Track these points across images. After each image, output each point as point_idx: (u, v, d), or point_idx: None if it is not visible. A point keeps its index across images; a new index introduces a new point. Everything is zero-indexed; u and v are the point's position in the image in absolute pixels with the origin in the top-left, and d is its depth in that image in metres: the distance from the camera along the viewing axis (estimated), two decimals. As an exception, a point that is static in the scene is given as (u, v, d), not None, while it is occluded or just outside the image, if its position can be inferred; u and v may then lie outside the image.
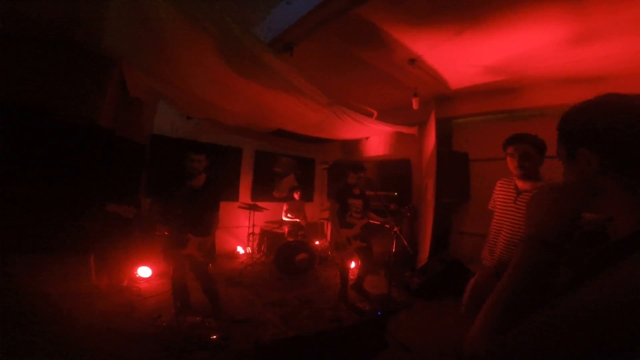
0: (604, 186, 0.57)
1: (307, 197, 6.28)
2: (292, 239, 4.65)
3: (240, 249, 5.45)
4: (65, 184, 2.70)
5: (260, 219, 5.36)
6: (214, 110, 4.10)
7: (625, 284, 0.46)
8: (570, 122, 0.64)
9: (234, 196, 5.67)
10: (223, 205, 3.02)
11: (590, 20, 2.42)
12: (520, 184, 2.01)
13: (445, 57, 3.35)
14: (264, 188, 6.15)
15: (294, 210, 5.41)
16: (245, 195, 5.87)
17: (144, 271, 3.73)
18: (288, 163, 6.55)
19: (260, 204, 5.01)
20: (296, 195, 5.43)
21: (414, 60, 3.42)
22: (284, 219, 5.39)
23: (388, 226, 3.15)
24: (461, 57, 3.33)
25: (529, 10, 2.41)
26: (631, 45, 2.65)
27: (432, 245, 4.23)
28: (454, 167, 4.37)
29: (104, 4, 2.15)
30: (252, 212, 4.92)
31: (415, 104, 4.01)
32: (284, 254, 4.27)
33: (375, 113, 5.25)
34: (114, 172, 3.18)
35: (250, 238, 5.14)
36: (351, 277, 3.81)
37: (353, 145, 6.27)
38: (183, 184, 2.79)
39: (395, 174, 5.39)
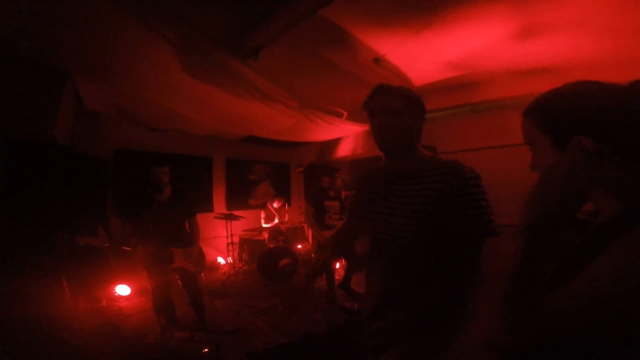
0: (600, 172, 0.56)
1: (284, 202, 6.23)
2: (273, 245, 4.60)
3: (220, 260, 5.31)
4: (25, 205, 2.50)
5: (238, 228, 5.26)
6: (179, 120, 3.98)
7: (616, 272, 0.47)
8: (557, 108, 0.62)
9: (208, 207, 5.52)
10: (197, 216, 2.94)
11: (534, 15, 2.62)
12: (392, 164, 1.21)
13: (407, 55, 3.48)
14: (239, 196, 6.04)
15: (273, 216, 5.36)
16: (220, 205, 5.73)
17: (123, 289, 3.58)
18: (262, 169, 6.47)
19: (236, 212, 4.92)
20: (276, 204, 5.38)
21: (378, 60, 3.52)
22: (263, 225, 5.32)
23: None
24: (422, 55, 3.47)
25: (478, 7, 2.56)
26: (575, 38, 2.90)
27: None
28: (423, 160, 4.53)
29: (50, 13, 2.01)
30: (229, 221, 4.81)
31: (382, 103, 4.12)
32: (267, 261, 4.22)
33: (345, 113, 5.33)
34: (77, 191, 2.99)
35: (230, 248, 5.02)
36: (337, 277, 3.84)
37: (327, 147, 6.32)
38: (151, 199, 2.70)
39: (368, 171, 5.49)
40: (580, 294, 0.50)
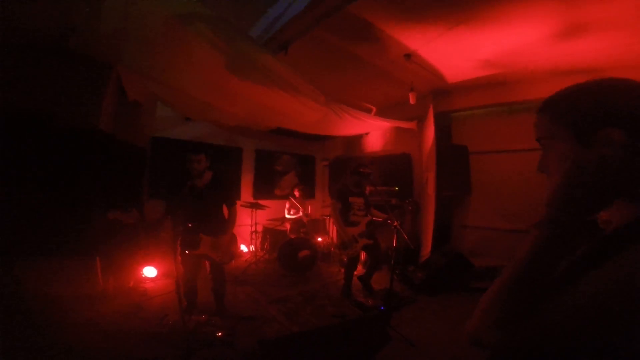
0: (628, 168, 0.52)
1: (308, 194, 6.30)
2: (294, 236, 4.69)
3: (243, 247, 5.51)
4: (68, 188, 2.75)
5: (262, 217, 5.40)
6: (212, 111, 4.12)
7: (629, 277, 0.44)
8: (584, 101, 0.58)
9: (236, 195, 5.71)
10: (225, 204, 3.02)
11: (581, 14, 2.43)
12: None
13: (440, 51, 3.35)
14: (265, 186, 6.20)
15: (295, 207, 5.45)
16: (247, 193, 5.92)
17: (150, 271, 3.79)
18: (289, 161, 6.57)
19: (262, 202, 5.06)
20: (296, 192, 5.45)
21: (409, 56, 3.43)
22: (287, 216, 5.43)
23: (390, 222, 3.17)
24: (456, 51, 3.33)
25: (521, 5, 2.41)
26: (622, 38, 2.67)
27: (434, 239, 4.25)
28: (453, 160, 4.38)
29: (97, 10, 2.17)
30: (254, 210, 4.96)
31: (412, 99, 4.01)
32: (287, 251, 4.31)
33: (374, 109, 5.25)
34: (116, 176, 3.22)
35: (253, 236, 5.19)
36: (357, 273, 3.83)
37: (353, 141, 6.29)
38: (185, 185, 2.81)
39: (396, 168, 5.40)
40: (578, 302, 0.47)
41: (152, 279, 3.77)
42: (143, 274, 3.74)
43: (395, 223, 3.06)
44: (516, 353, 0.54)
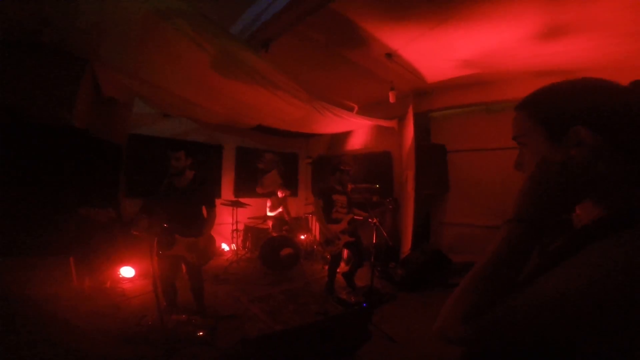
0: (594, 166, 0.53)
1: (291, 192, 6.29)
2: (276, 234, 4.67)
3: (224, 246, 5.44)
4: (40, 185, 2.63)
5: (243, 215, 5.35)
6: (192, 108, 4.05)
7: (596, 269, 0.45)
8: (557, 100, 0.59)
9: (216, 195, 5.63)
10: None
11: (560, 15, 2.51)
12: None
13: (421, 51, 3.41)
14: (247, 184, 6.13)
15: (277, 205, 5.42)
16: (227, 192, 5.84)
17: (127, 271, 3.69)
18: (271, 159, 6.53)
19: (243, 200, 5.00)
20: (280, 194, 5.44)
21: (390, 55, 3.48)
22: (269, 214, 5.40)
23: (370, 220, 3.22)
24: (436, 52, 3.40)
25: (501, 5, 2.48)
26: (600, 40, 2.79)
27: (414, 236, 4.34)
28: (432, 159, 4.48)
29: (72, 3, 2.09)
30: (235, 208, 4.90)
31: (391, 98, 4.07)
32: (269, 249, 4.28)
33: (356, 107, 5.31)
34: (91, 173, 3.11)
35: (234, 234, 5.13)
36: (341, 270, 3.87)
37: (336, 139, 6.32)
38: (164, 184, 2.75)
39: (377, 166, 5.47)
40: (541, 296, 0.48)
41: (129, 279, 3.67)
42: (120, 274, 3.63)
43: (375, 220, 3.11)
44: (486, 345, 0.55)
